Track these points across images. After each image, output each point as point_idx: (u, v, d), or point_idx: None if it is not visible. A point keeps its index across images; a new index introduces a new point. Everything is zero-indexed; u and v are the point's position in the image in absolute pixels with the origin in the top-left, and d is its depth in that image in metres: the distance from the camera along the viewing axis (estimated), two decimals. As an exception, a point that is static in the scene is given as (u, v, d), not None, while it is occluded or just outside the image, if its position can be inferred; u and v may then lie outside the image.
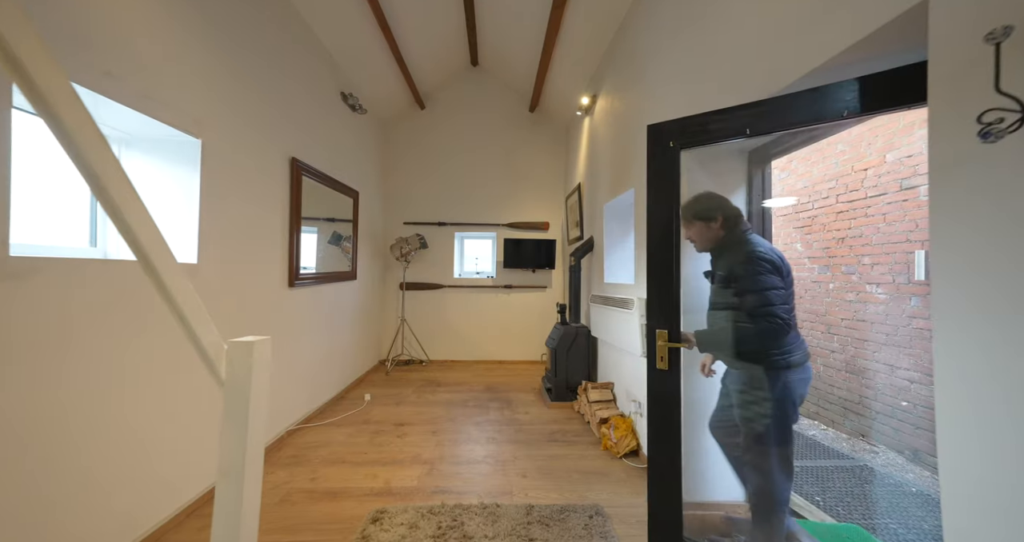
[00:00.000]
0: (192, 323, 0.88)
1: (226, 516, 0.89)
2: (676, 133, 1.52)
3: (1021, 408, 0.74)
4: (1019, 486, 0.74)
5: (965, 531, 0.82)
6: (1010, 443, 0.75)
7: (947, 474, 0.84)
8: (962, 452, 0.82)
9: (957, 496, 0.83)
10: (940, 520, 0.90)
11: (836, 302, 3.55)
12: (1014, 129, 0.74)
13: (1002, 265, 0.77)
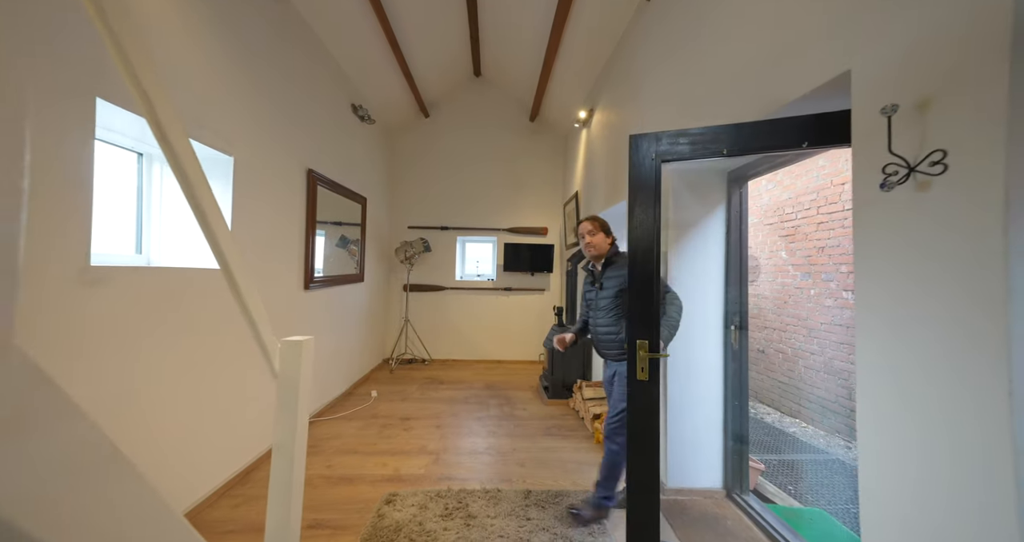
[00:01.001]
0: (258, 325, 1.10)
1: (280, 481, 1.11)
2: (656, 145, 1.58)
3: (907, 386, 0.96)
4: (906, 455, 0.96)
5: (872, 491, 1.04)
6: (899, 416, 0.97)
7: (862, 447, 1.07)
8: (870, 423, 1.05)
9: (868, 464, 1.05)
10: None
11: (816, 307, 3.78)
12: (902, 182, 0.96)
13: (895, 279, 0.99)
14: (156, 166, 2.11)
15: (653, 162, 1.58)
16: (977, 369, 0.83)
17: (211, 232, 0.97)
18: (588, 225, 2.07)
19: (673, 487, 2.22)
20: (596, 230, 2.05)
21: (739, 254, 2.22)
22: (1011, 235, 0.78)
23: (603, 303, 2.02)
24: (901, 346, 0.98)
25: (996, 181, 0.80)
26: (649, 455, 1.55)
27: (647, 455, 1.55)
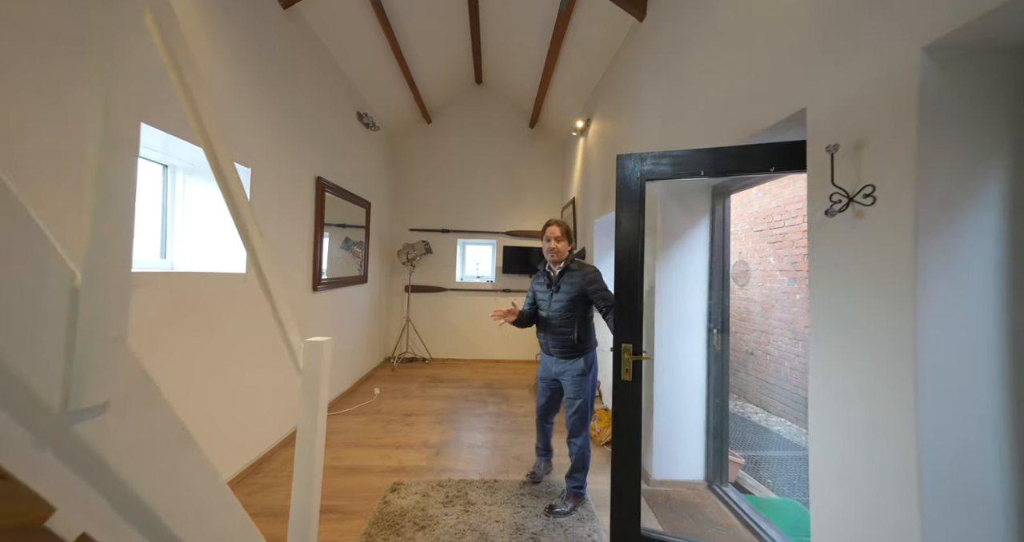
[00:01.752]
0: (286, 327, 1.26)
1: (303, 463, 1.27)
2: (642, 165, 1.73)
3: (845, 379, 1.13)
4: (839, 433, 1.13)
5: (819, 473, 1.21)
6: (837, 403, 1.14)
7: (812, 436, 1.23)
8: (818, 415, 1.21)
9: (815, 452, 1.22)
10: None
11: (802, 311, 3.95)
12: (843, 210, 1.12)
13: (836, 290, 1.15)
14: (179, 177, 2.26)
15: (638, 180, 1.75)
16: (893, 363, 0.99)
17: (251, 247, 1.13)
18: (558, 230, 2.16)
19: (658, 479, 2.38)
20: (563, 237, 2.17)
21: (722, 262, 2.38)
22: (919, 254, 0.94)
23: (557, 305, 2.14)
24: (841, 345, 1.14)
25: (909, 211, 0.96)
26: (632, 448, 1.72)
27: (631, 448, 1.72)
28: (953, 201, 0.94)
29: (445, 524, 1.96)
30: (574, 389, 2.15)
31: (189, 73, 0.90)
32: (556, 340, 2.17)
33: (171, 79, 0.84)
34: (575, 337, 2.13)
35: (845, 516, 1.13)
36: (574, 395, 2.16)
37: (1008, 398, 0.93)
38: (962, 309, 0.94)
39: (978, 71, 0.93)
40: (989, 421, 0.92)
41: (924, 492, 0.92)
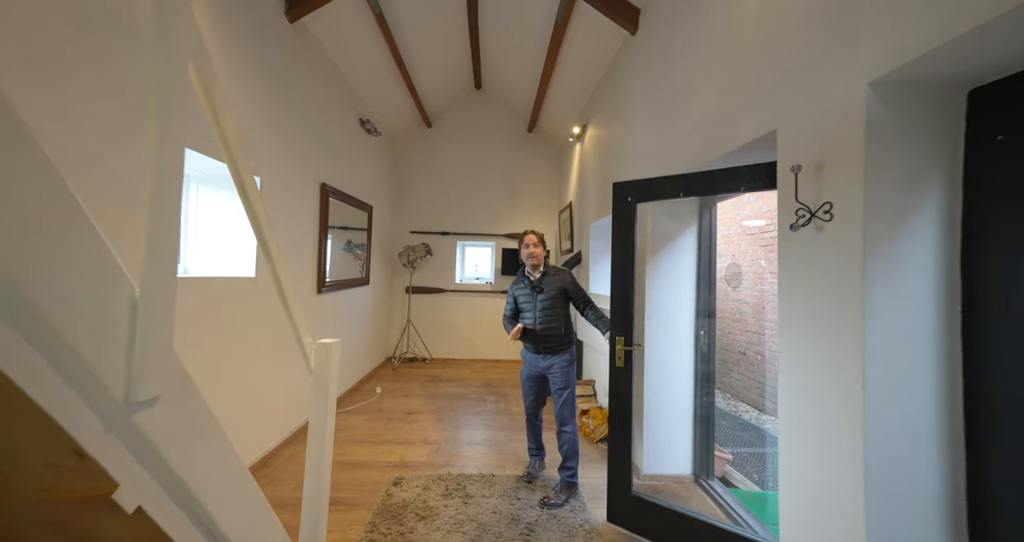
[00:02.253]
0: (300, 330, 1.38)
1: (315, 458, 1.39)
2: (632, 191, 2.03)
3: (806, 374, 1.24)
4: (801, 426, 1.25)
5: (786, 461, 1.33)
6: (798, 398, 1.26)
7: (782, 428, 1.35)
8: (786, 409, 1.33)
9: (784, 443, 1.34)
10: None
11: (791, 312, 4.06)
12: (805, 224, 1.24)
13: (800, 296, 1.27)
14: (193, 186, 2.38)
15: (630, 203, 1.99)
16: (845, 363, 1.11)
17: (271, 258, 1.25)
18: (535, 237, 2.40)
19: (648, 473, 2.50)
20: (539, 243, 2.40)
21: (708, 266, 2.50)
22: (866, 263, 1.06)
23: (544, 304, 2.37)
24: (805, 344, 1.26)
25: (859, 226, 1.08)
26: (626, 426, 2.02)
27: (625, 427, 2.02)
28: (895, 217, 1.06)
29: (445, 515, 2.08)
30: (563, 379, 2.35)
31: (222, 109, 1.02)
32: (545, 336, 2.36)
33: (207, 115, 0.96)
34: (562, 330, 2.37)
35: (806, 499, 1.25)
36: (563, 385, 2.35)
37: (942, 392, 1.05)
38: (903, 312, 1.05)
39: (915, 104, 1.05)
40: (925, 412, 1.04)
41: (868, 476, 1.04)
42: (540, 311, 2.37)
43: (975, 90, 1.03)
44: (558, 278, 2.40)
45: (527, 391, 2.51)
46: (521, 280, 2.48)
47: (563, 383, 2.35)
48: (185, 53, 0.80)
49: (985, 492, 1.00)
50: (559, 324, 2.36)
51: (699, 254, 2.52)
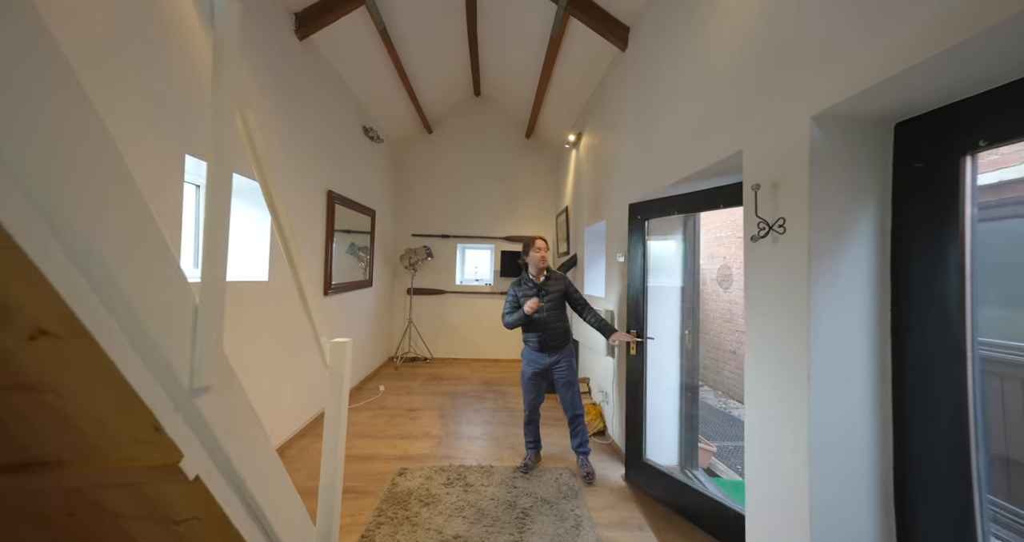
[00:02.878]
0: (317, 330, 1.55)
1: (331, 446, 1.56)
2: (642, 211, 2.48)
3: (765, 368, 1.41)
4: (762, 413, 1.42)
5: (751, 445, 1.50)
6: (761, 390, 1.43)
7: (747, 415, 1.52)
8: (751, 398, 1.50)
9: (749, 429, 1.51)
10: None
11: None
12: (764, 237, 1.41)
13: (761, 298, 1.44)
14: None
15: (640, 220, 2.49)
16: (793, 356, 1.28)
17: (294, 268, 1.42)
18: (545, 243, 2.65)
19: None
20: (548, 248, 2.65)
21: (693, 271, 2.67)
22: (811, 270, 1.23)
23: (549, 305, 2.59)
24: (765, 341, 1.43)
25: (805, 239, 1.25)
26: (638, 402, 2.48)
27: (638, 402, 2.50)
28: (836, 232, 1.23)
29: (446, 501, 2.25)
30: (568, 372, 2.65)
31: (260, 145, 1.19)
32: (553, 333, 2.60)
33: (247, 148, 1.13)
34: (565, 328, 2.67)
35: (764, 475, 1.42)
36: (569, 377, 2.65)
37: (875, 380, 1.22)
38: (842, 313, 1.22)
39: (851, 135, 1.22)
40: (860, 398, 1.21)
41: (811, 454, 1.21)
42: (547, 311, 2.58)
43: (900, 123, 1.20)
44: (559, 282, 2.65)
45: (529, 389, 2.69)
46: (525, 282, 2.66)
47: (569, 376, 2.62)
48: (234, 105, 0.98)
49: (907, 465, 1.17)
50: (563, 322, 2.64)
51: (684, 261, 2.69)
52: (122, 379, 0.75)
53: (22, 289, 0.63)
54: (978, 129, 1.01)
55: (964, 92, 1.03)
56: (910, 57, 0.95)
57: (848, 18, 1.12)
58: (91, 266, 0.69)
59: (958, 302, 1.06)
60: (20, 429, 0.80)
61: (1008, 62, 0.90)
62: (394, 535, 1.94)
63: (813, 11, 1.25)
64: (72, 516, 0.97)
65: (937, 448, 1.10)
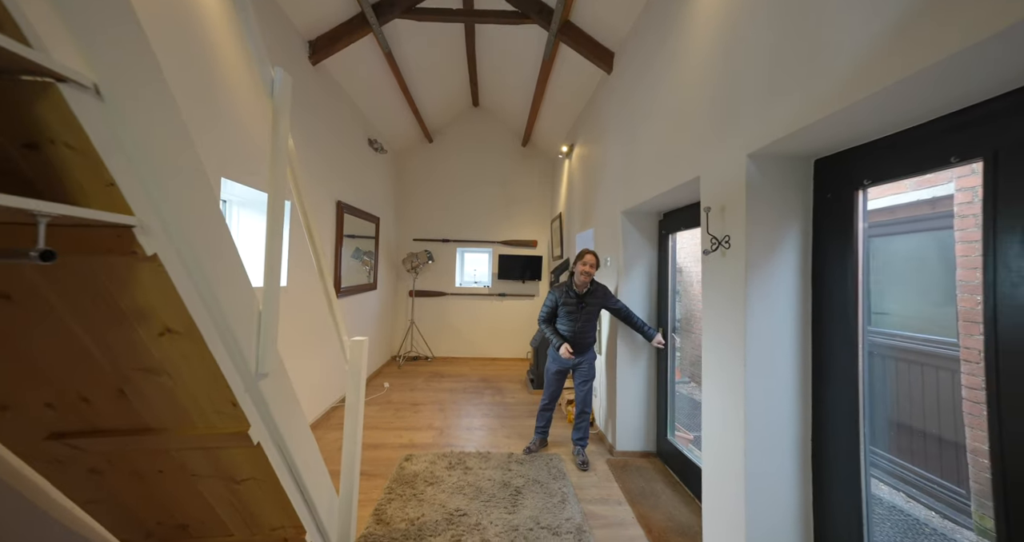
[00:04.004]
0: (340, 328, 1.83)
1: (351, 430, 1.83)
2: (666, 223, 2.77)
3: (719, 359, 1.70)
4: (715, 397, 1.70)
5: (707, 423, 1.78)
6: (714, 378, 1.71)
7: (704, 398, 1.80)
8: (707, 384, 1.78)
9: (705, 409, 1.79)
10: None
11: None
12: (714, 251, 1.69)
13: (714, 301, 1.72)
14: (235, 209, 2.82)
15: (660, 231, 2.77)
16: (734, 350, 1.56)
17: (323, 278, 1.71)
18: (594, 259, 2.78)
19: (620, 450, 2.95)
20: (596, 264, 2.80)
21: (668, 279, 2.94)
22: (748, 280, 1.51)
23: (586, 316, 2.83)
24: (717, 336, 1.71)
25: (743, 253, 1.53)
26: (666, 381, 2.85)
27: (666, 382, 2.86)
28: (768, 248, 1.51)
29: (448, 481, 2.52)
30: (589, 372, 2.93)
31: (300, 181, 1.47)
32: (582, 340, 2.86)
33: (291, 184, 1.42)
34: (594, 336, 2.96)
35: (714, 444, 1.70)
36: (588, 376, 2.92)
37: (797, 365, 1.50)
38: (772, 314, 1.51)
39: (779, 169, 1.50)
40: (785, 379, 1.50)
41: (747, 424, 1.49)
42: (583, 321, 2.82)
43: (818, 160, 1.49)
44: (600, 297, 2.84)
45: (551, 383, 2.98)
46: (568, 292, 2.84)
47: (589, 375, 2.91)
48: (286, 156, 1.26)
49: (819, 430, 1.45)
50: (592, 332, 2.90)
51: (660, 271, 2.97)
52: (215, 365, 1.04)
53: (160, 299, 0.91)
54: (865, 170, 1.30)
55: (855, 141, 1.32)
56: (815, 114, 1.23)
57: (771, 78, 1.40)
58: (203, 283, 0.98)
59: (853, 301, 1.34)
60: (138, 402, 1.08)
61: (879, 122, 1.18)
62: (403, 508, 2.22)
63: (746, 69, 1.54)
64: (161, 473, 1.25)
65: (839, 416, 1.39)
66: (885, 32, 0.99)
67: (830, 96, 1.15)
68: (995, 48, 0.80)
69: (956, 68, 0.88)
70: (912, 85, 0.96)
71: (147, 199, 0.80)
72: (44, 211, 0.59)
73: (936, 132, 1.09)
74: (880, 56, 1.00)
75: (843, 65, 1.11)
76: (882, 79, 0.98)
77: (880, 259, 1.39)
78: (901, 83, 0.95)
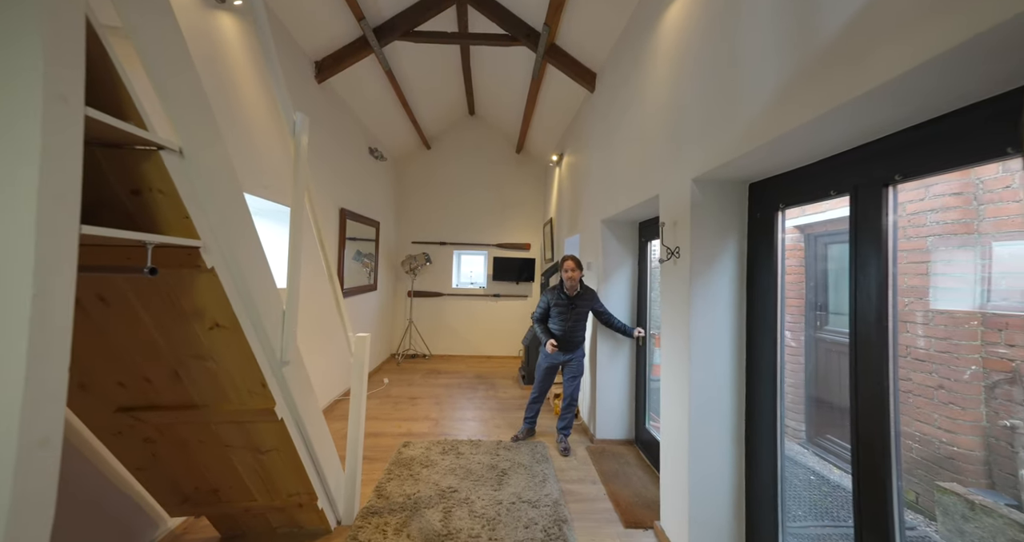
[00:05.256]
0: (347, 325, 2.10)
1: (355, 415, 2.11)
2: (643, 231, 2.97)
3: (670, 354, 1.97)
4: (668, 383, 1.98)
5: (664, 406, 2.06)
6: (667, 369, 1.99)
7: (662, 385, 2.08)
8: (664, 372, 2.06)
9: (664, 394, 2.07)
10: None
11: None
12: (668, 259, 1.97)
13: (669, 302, 2.00)
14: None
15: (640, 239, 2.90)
16: (682, 344, 1.84)
17: (333, 283, 1.98)
18: (573, 264, 3.02)
19: (600, 438, 3.23)
20: (576, 268, 3.02)
21: (644, 282, 3.22)
22: (692, 285, 1.78)
23: (575, 317, 3.07)
24: (672, 332, 1.98)
25: (688, 262, 1.80)
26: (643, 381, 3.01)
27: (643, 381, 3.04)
28: (709, 258, 1.79)
29: (442, 464, 2.80)
30: (578, 368, 3.19)
31: (314, 201, 1.75)
32: (572, 339, 3.11)
33: (307, 206, 1.69)
34: (583, 335, 3.19)
35: (668, 426, 1.98)
36: (577, 372, 3.19)
37: (733, 356, 1.78)
38: (713, 313, 1.78)
39: (718, 191, 1.78)
40: (723, 368, 1.77)
41: (691, 405, 1.77)
42: (573, 321, 3.07)
43: (752, 184, 1.76)
44: (588, 300, 3.08)
45: (542, 378, 3.24)
46: (560, 294, 3.10)
47: (578, 371, 3.17)
48: (304, 184, 1.53)
49: (751, 409, 1.73)
50: (581, 331, 3.15)
51: (639, 276, 3.24)
52: (250, 352, 1.31)
53: (212, 301, 1.19)
54: (781, 196, 1.58)
55: (772, 172, 1.60)
56: (732, 152, 1.50)
57: (707, 117, 1.68)
58: (243, 288, 1.26)
59: (775, 301, 1.62)
60: (189, 383, 1.35)
61: (780, 161, 1.46)
62: (401, 486, 2.50)
63: (690, 105, 1.82)
64: (201, 443, 1.52)
65: (763, 396, 1.67)
66: (771, 99, 1.27)
67: (739, 140, 1.43)
68: (846, 112, 1.08)
69: (822, 125, 1.16)
70: (792, 136, 1.23)
71: (208, 226, 1.08)
72: (151, 241, 0.87)
73: (821, 171, 1.37)
74: (771, 113, 1.28)
75: (744, 119, 1.39)
76: (771, 132, 1.26)
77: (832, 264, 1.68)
78: (785, 135, 1.23)
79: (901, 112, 1.05)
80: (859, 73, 0.98)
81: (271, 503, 1.78)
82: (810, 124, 1.15)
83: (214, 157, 1.07)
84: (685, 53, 1.90)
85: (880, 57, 0.92)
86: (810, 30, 1.14)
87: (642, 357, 3.21)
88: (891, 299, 1.15)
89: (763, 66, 1.34)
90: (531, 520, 2.16)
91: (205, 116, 1.02)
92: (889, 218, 1.17)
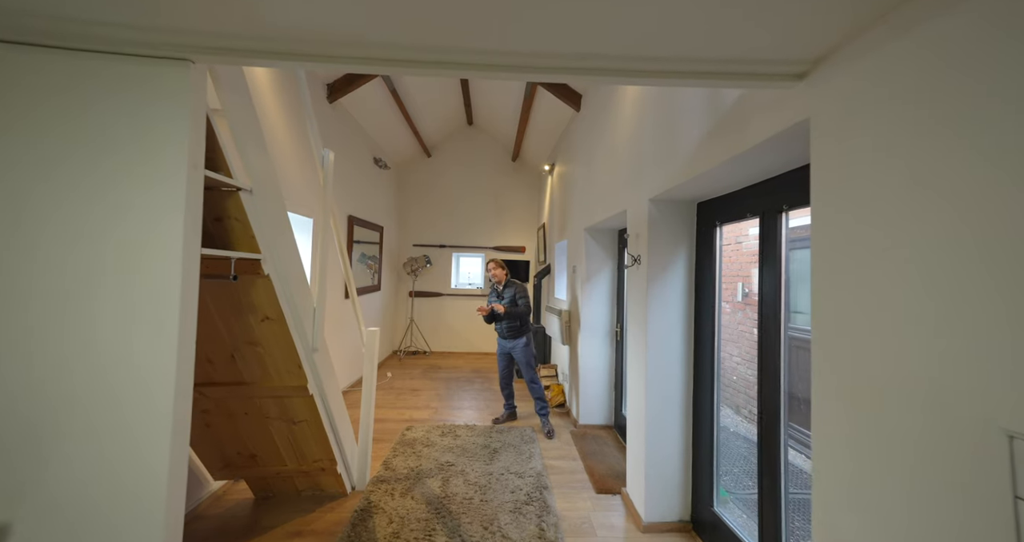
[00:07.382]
0: (361, 323, 2.47)
1: (367, 395, 2.47)
2: (622, 243, 3.13)
3: (635, 348, 2.34)
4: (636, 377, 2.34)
5: (631, 391, 2.42)
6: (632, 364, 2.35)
7: (628, 375, 2.44)
8: (631, 362, 2.43)
9: (630, 383, 2.43)
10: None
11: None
12: (632, 266, 2.33)
13: (632, 302, 2.36)
14: (268, 225, 3.46)
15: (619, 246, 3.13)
16: (641, 341, 2.20)
17: (350, 284, 2.34)
18: (495, 265, 3.69)
19: (582, 423, 3.59)
20: (498, 268, 3.67)
21: (622, 285, 3.58)
22: (649, 290, 2.15)
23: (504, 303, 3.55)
24: (635, 328, 2.34)
25: (646, 269, 2.17)
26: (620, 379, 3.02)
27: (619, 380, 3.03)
28: (664, 265, 2.15)
29: (441, 444, 3.16)
30: (523, 356, 3.58)
31: (336, 219, 2.11)
32: (506, 326, 3.59)
33: (332, 224, 2.06)
34: (517, 324, 3.61)
35: (631, 402, 2.34)
36: (523, 360, 3.59)
37: (683, 348, 2.14)
38: (666, 313, 2.15)
39: (671, 209, 2.14)
40: (674, 363, 2.14)
41: (648, 390, 2.13)
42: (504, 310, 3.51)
43: (700, 203, 2.13)
44: (511, 289, 3.65)
45: (499, 361, 3.72)
46: (493, 289, 3.70)
47: (523, 359, 3.57)
48: (331, 208, 1.90)
49: (695, 389, 2.09)
50: (515, 321, 3.57)
51: (618, 280, 3.60)
52: (290, 340, 1.68)
53: (265, 299, 1.55)
54: (718, 214, 1.94)
55: (711, 195, 1.96)
56: (675, 180, 1.87)
57: (657, 149, 2.04)
58: (287, 290, 1.62)
59: (714, 302, 1.99)
60: (241, 364, 1.72)
61: (711, 188, 1.82)
62: (405, 461, 2.86)
63: (647, 139, 2.18)
64: (246, 415, 1.88)
65: (705, 379, 2.03)
66: (696, 145, 1.63)
67: (681, 171, 1.80)
68: (739, 162, 1.44)
69: (726, 168, 1.52)
70: (710, 173, 1.60)
71: (266, 243, 1.43)
72: (235, 255, 1.22)
73: (743, 197, 1.74)
74: (696, 155, 1.64)
75: (684, 155, 1.76)
76: (697, 169, 1.63)
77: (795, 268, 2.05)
78: (704, 172, 1.60)
79: (754, 170, 1.42)
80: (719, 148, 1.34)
81: (299, 467, 2.14)
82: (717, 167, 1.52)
83: (271, 190, 1.43)
84: (645, 101, 2.27)
85: (710, 151, 1.29)
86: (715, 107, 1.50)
87: (621, 351, 3.56)
88: (783, 295, 1.51)
89: (693, 119, 1.70)
90: (517, 487, 2.52)
91: (267, 160, 1.38)
92: (783, 235, 1.53)
